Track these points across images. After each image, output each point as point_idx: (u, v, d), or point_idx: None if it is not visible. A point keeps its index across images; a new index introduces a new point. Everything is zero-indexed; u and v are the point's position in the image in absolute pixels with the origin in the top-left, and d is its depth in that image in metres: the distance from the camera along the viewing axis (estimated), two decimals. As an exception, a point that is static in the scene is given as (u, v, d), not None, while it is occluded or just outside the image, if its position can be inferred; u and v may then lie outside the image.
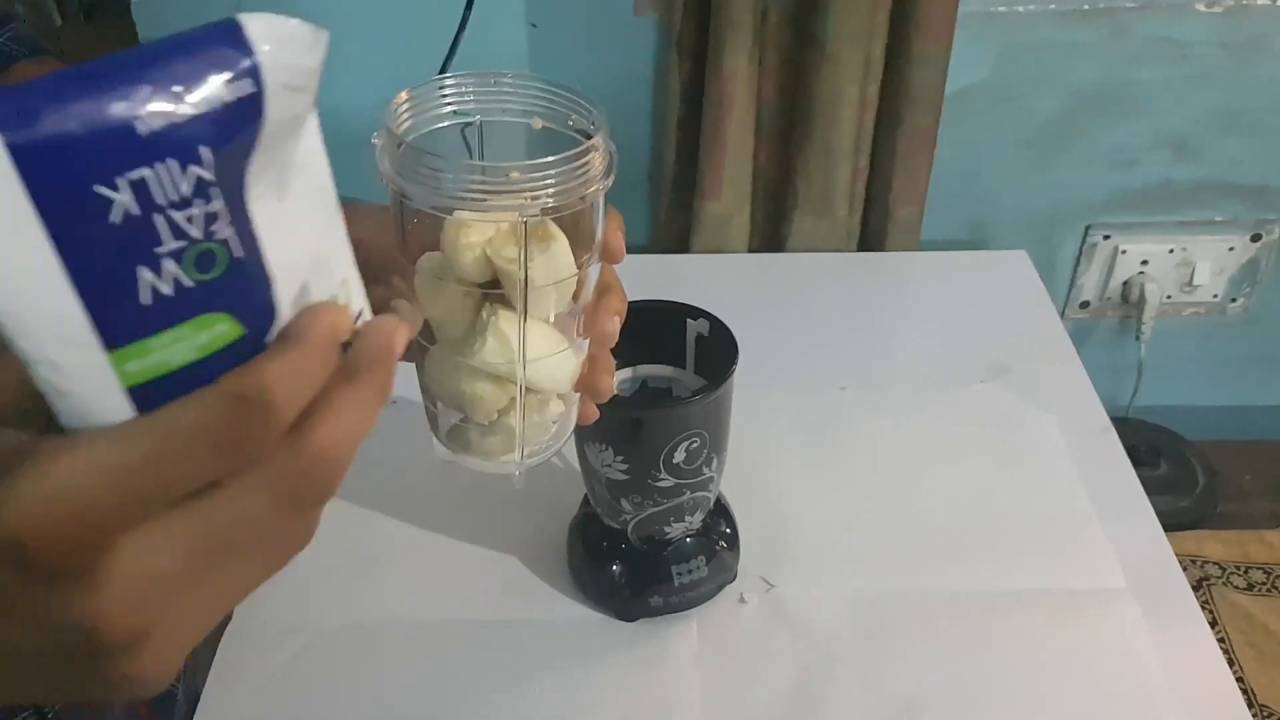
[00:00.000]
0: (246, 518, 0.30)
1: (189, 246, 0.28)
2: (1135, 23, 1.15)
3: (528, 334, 0.48)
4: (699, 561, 0.78)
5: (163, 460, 0.28)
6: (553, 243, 0.46)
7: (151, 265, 0.28)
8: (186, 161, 0.28)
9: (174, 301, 0.29)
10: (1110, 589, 0.80)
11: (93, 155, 0.26)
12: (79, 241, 0.27)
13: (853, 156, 1.14)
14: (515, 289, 0.46)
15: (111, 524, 0.28)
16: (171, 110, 0.27)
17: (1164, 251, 1.30)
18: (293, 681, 0.76)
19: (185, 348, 0.29)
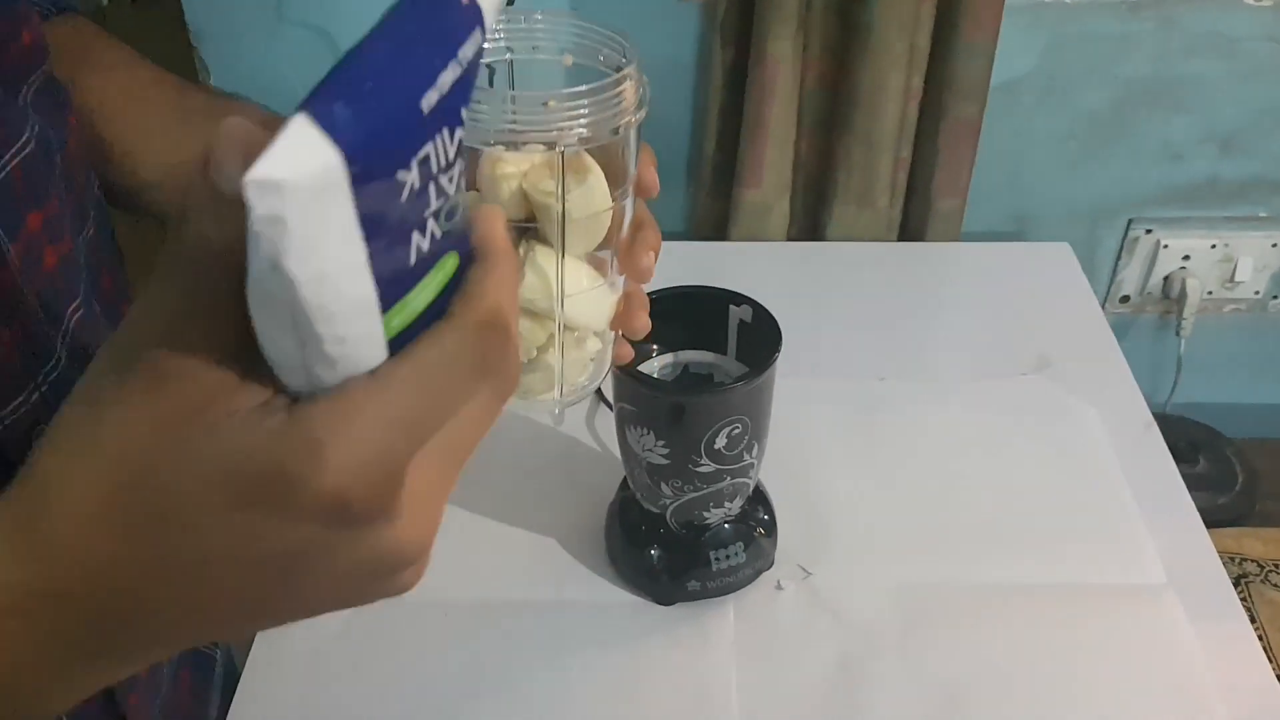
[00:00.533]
0: (485, 421, 0.34)
1: (445, 202, 0.31)
2: (1184, 16, 1.14)
3: (565, 270, 0.47)
4: (737, 547, 0.78)
5: (435, 395, 0.31)
6: (589, 174, 0.46)
7: (421, 228, 0.30)
8: (455, 126, 0.30)
9: (429, 255, 0.31)
10: (1152, 584, 0.80)
11: (398, 149, 0.28)
12: (379, 227, 0.28)
13: (895, 146, 1.13)
14: (552, 223, 0.46)
15: (406, 463, 0.31)
16: (446, 83, 0.29)
17: (1206, 247, 1.29)
18: (332, 660, 0.77)
19: (429, 291, 0.31)
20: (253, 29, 1.15)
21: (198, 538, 0.31)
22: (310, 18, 1.15)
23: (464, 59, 0.30)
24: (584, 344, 0.51)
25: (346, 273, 0.28)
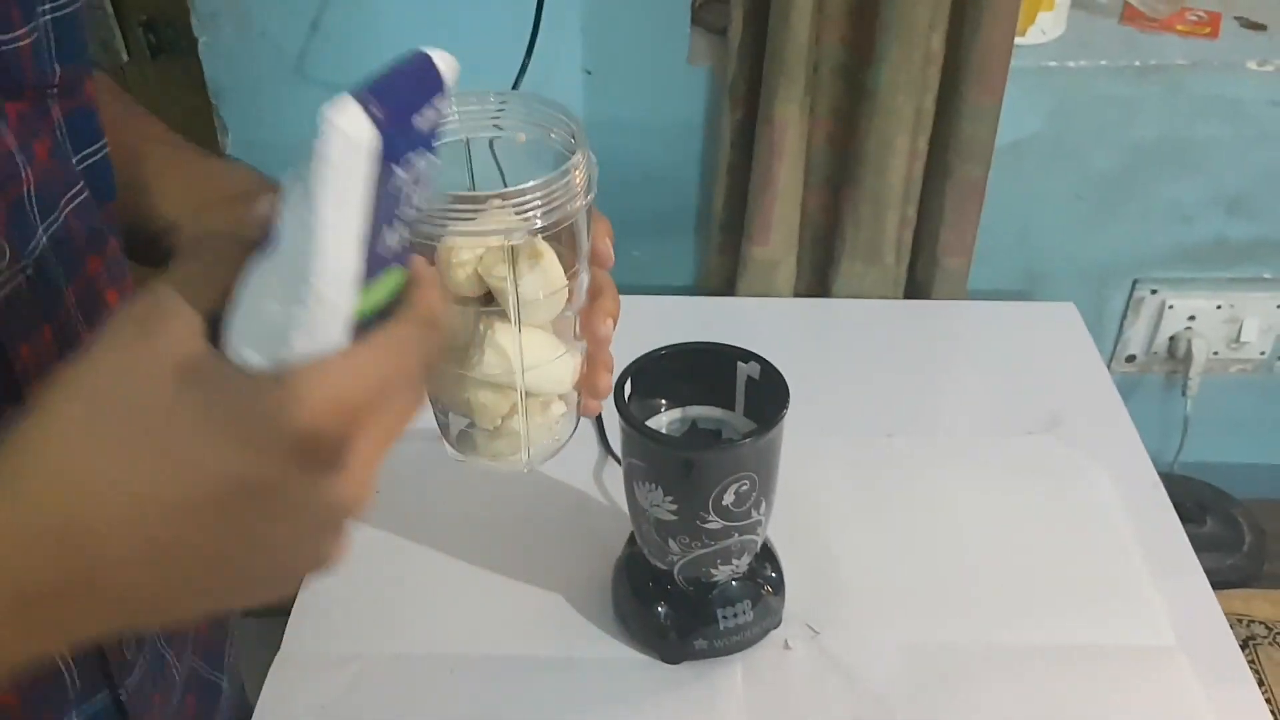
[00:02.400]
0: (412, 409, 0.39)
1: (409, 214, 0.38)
2: (1188, 80, 1.15)
3: (525, 342, 0.50)
4: (745, 605, 0.78)
5: (391, 370, 0.37)
6: (540, 259, 0.48)
7: (391, 225, 0.37)
8: (429, 151, 0.38)
9: (390, 256, 0.38)
10: (1161, 646, 0.80)
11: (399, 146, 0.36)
12: (376, 214, 0.36)
13: (901, 206, 1.15)
14: (509, 304, 0.48)
15: (364, 418, 0.35)
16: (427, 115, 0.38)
17: (1211, 308, 1.30)
18: (339, 712, 0.76)
19: (382, 292, 0.38)
20: (272, 86, 1.17)
21: (172, 467, 0.34)
22: (329, 76, 1.17)
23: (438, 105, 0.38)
24: (549, 408, 0.53)
25: (349, 238, 0.35)
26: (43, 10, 0.47)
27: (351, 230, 0.35)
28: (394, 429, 0.38)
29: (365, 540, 0.89)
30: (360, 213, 0.35)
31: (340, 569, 0.40)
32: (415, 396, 0.39)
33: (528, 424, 0.52)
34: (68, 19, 0.49)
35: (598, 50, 1.16)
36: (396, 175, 0.36)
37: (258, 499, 0.35)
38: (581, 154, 0.48)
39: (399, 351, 0.37)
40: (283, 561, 0.38)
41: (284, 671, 0.79)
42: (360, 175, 0.35)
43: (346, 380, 0.35)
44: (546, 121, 0.50)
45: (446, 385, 0.52)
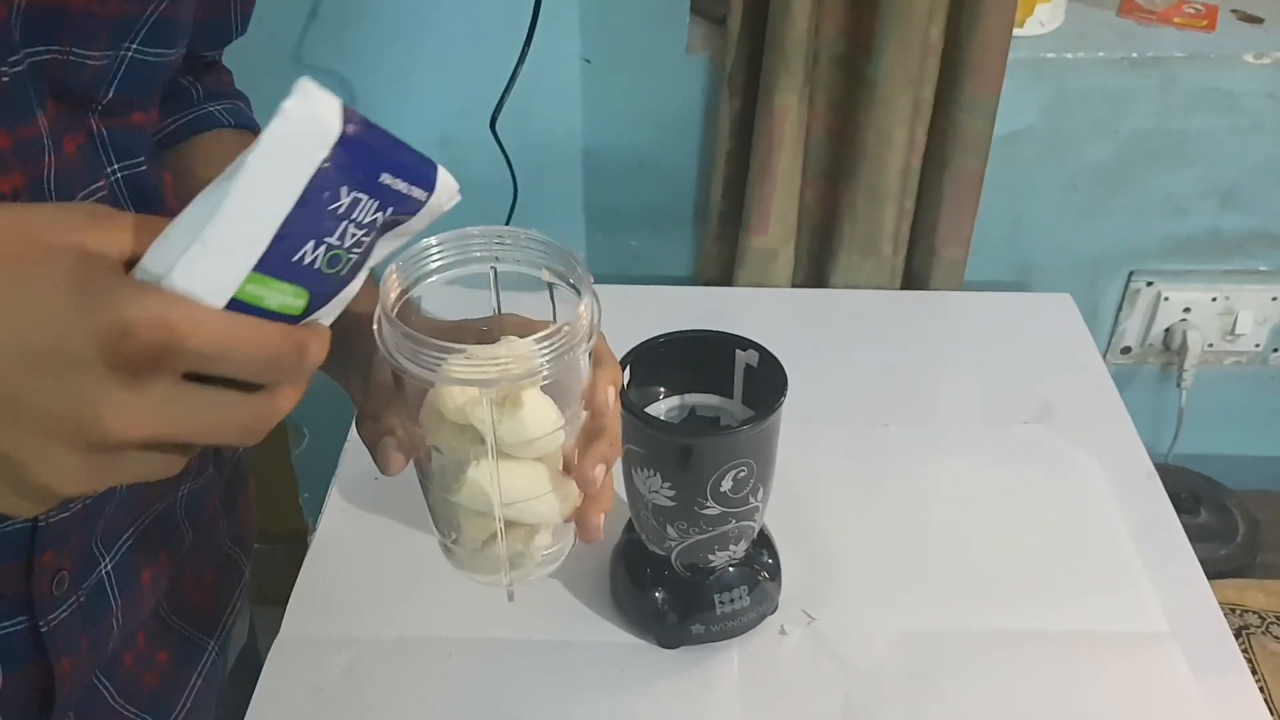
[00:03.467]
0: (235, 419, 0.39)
1: (336, 249, 0.39)
2: (1184, 72, 1.16)
3: (511, 477, 0.50)
4: (741, 591, 0.79)
5: (240, 343, 0.37)
6: (520, 409, 0.48)
7: (318, 244, 0.38)
8: (382, 209, 0.39)
9: (302, 270, 0.38)
10: (1153, 633, 0.80)
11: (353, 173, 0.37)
12: (301, 215, 0.37)
13: (899, 197, 1.15)
14: (488, 444, 0.48)
15: (178, 362, 0.36)
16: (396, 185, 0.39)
17: (1207, 300, 1.30)
18: (338, 695, 0.77)
19: (279, 298, 0.38)
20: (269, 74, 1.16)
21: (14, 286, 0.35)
22: (327, 63, 1.17)
23: (411, 194, 0.40)
24: (533, 538, 0.53)
25: (265, 203, 0.36)
26: (127, 48, 0.50)
27: (270, 195, 0.36)
28: (196, 414, 0.38)
29: (363, 524, 0.90)
30: (286, 187, 0.36)
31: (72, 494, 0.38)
32: (238, 411, 0.39)
33: (507, 551, 0.52)
34: (147, 65, 0.52)
35: (596, 39, 1.16)
36: (339, 199, 0.37)
37: (52, 359, 0.35)
38: (585, 305, 0.48)
39: (250, 337, 0.37)
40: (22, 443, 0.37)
41: (283, 655, 0.79)
42: (303, 154, 0.36)
43: (186, 316, 0.36)
44: (556, 263, 0.51)
45: (435, 501, 0.53)
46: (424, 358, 0.47)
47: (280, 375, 0.39)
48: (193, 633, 0.70)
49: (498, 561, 0.53)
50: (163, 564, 0.67)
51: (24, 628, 0.57)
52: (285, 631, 0.81)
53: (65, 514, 0.56)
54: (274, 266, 0.37)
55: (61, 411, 0.36)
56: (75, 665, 0.60)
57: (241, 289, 0.37)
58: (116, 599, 0.62)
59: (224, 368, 0.38)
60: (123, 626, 0.63)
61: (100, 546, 0.61)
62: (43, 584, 0.56)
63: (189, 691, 0.69)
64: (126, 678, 0.64)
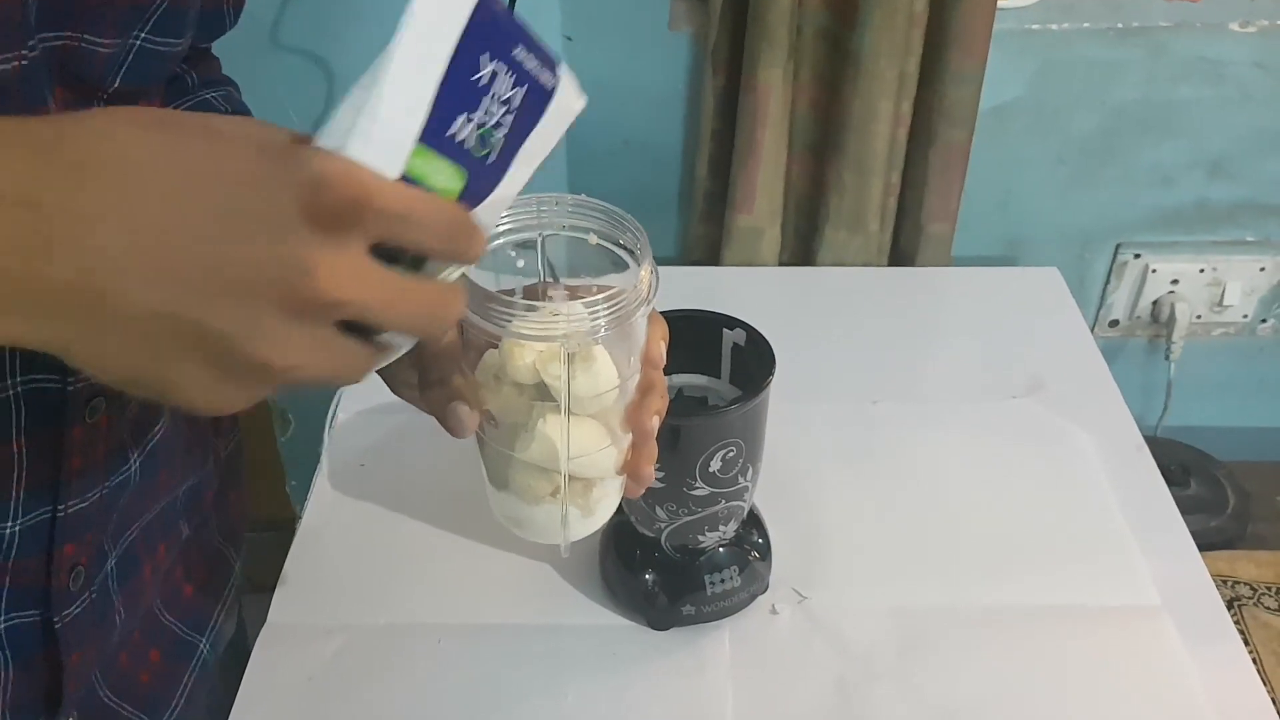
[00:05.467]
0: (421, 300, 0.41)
1: (482, 126, 0.42)
2: (1171, 42, 1.15)
3: (573, 433, 0.52)
4: (732, 571, 0.78)
5: (420, 208, 0.39)
6: (594, 362, 0.51)
7: (467, 118, 0.41)
8: (518, 85, 0.42)
9: (456, 147, 0.41)
10: (1145, 606, 0.80)
11: (493, 42, 0.40)
12: (455, 77, 0.40)
13: (885, 172, 1.14)
14: (561, 399, 0.51)
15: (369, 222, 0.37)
16: (528, 62, 0.42)
17: (1194, 271, 1.30)
18: (327, 685, 0.76)
19: (441, 179, 0.41)
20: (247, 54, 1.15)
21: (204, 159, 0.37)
22: (304, 43, 1.15)
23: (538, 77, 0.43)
24: (590, 491, 0.55)
25: (420, 71, 0.39)
26: (136, 36, 0.50)
27: (424, 62, 0.39)
28: (388, 289, 0.39)
29: (350, 511, 0.89)
30: (436, 52, 0.39)
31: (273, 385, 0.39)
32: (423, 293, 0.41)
33: (568, 506, 0.55)
34: (155, 54, 0.52)
35: (577, 16, 1.15)
36: (480, 70, 0.40)
37: (256, 220, 0.36)
38: (646, 266, 0.51)
39: (423, 208, 0.39)
40: (229, 313, 0.37)
41: (271, 642, 0.79)
42: (448, 18, 0.39)
43: (370, 178, 0.37)
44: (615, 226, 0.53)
45: (497, 462, 0.55)
46: (501, 315, 0.49)
47: (456, 248, 0.41)
48: (185, 630, 0.69)
49: (555, 518, 0.55)
50: (160, 560, 0.66)
51: (35, 621, 0.56)
52: (273, 619, 0.80)
53: (84, 504, 0.56)
54: (434, 138, 0.40)
55: (270, 273, 0.36)
56: (83, 661, 0.59)
57: (410, 163, 0.39)
58: (118, 595, 0.62)
59: (408, 231, 0.39)
60: (124, 623, 0.63)
61: (109, 541, 0.60)
62: (61, 578, 0.56)
63: (182, 689, 0.69)
64: (121, 676, 0.64)
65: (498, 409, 0.53)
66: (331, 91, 1.18)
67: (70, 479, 0.54)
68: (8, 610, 0.55)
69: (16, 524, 0.53)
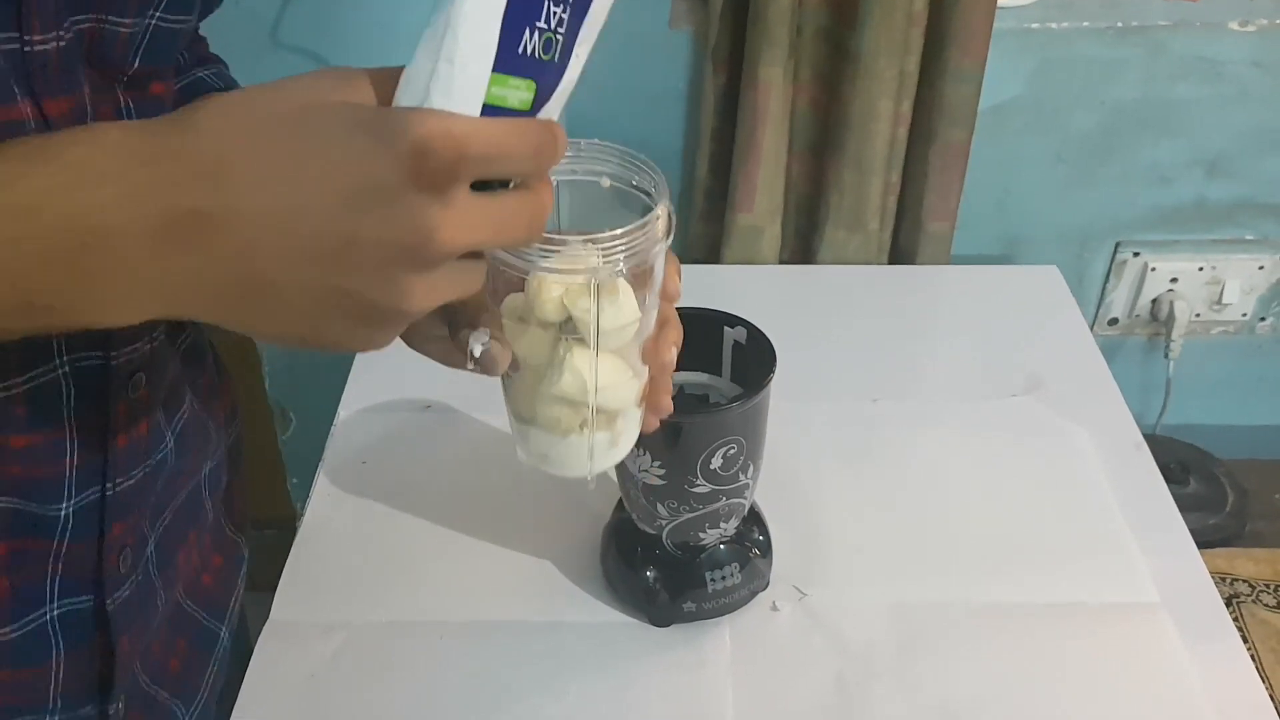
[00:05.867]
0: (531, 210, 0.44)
1: (546, 32, 0.43)
2: (1170, 41, 1.15)
3: (599, 366, 0.55)
4: (733, 568, 0.79)
5: (509, 140, 0.41)
6: (619, 295, 0.53)
7: (531, 31, 0.42)
8: None
9: (526, 61, 0.42)
10: (1144, 603, 0.81)
11: None
12: (513, 4, 0.41)
13: (885, 171, 1.14)
14: (588, 332, 0.53)
15: (471, 165, 0.40)
16: None
17: (1193, 269, 1.30)
18: (329, 681, 0.76)
19: (517, 95, 0.43)
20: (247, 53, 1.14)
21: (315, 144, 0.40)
22: (304, 42, 1.15)
23: None
24: (614, 422, 0.58)
25: (491, 6, 0.40)
26: (151, 15, 0.52)
27: (491, 3, 0.41)
28: (495, 218, 0.42)
29: (351, 508, 0.89)
30: None
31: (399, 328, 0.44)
32: (522, 206, 0.44)
33: (594, 438, 0.58)
34: (169, 32, 0.54)
35: (578, 16, 1.15)
36: None
37: (372, 196, 0.39)
38: (663, 205, 0.53)
39: (518, 135, 0.42)
40: (367, 277, 0.41)
41: (273, 640, 0.79)
42: None
43: (462, 124, 0.40)
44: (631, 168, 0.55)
45: (525, 399, 0.58)
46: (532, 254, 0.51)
47: (545, 163, 0.44)
48: (206, 618, 0.70)
49: (583, 450, 0.58)
50: (191, 546, 0.68)
51: (89, 605, 0.58)
52: (275, 616, 0.81)
53: (130, 482, 0.57)
54: (506, 63, 0.42)
55: (396, 240, 0.40)
56: (131, 645, 0.61)
57: (489, 93, 0.42)
58: (158, 578, 0.63)
59: (503, 166, 0.42)
60: (164, 607, 0.64)
61: (148, 525, 0.62)
62: (111, 559, 0.57)
63: (209, 675, 0.70)
64: (154, 664, 0.65)
65: (524, 348, 0.56)
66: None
67: (117, 457, 0.56)
68: (61, 596, 0.56)
69: (70, 505, 0.55)
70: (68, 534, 0.55)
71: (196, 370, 0.66)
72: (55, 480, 0.54)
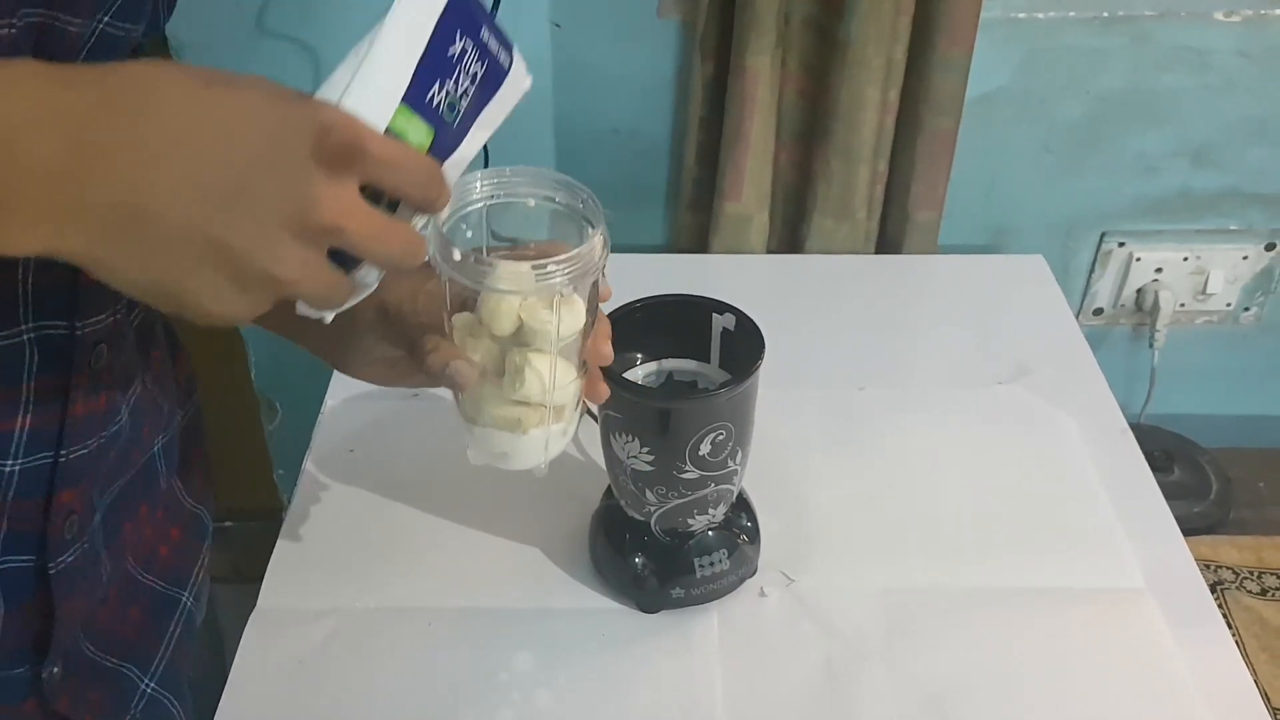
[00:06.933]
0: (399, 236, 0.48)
1: (452, 95, 0.49)
2: (1156, 30, 1.16)
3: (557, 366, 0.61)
4: (721, 554, 0.79)
5: (404, 158, 0.47)
6: (574, 306, 0.59)
7: (441, 86, 0.48)
8: (483, 60, 0.50)
9: (431, 110, 0.48)
10: (1129, 588, 0.81)
11: (465, 22, 0.48)
12: (434, 50, 0.47)
13: (872, 159, 1.14)
14: (547, 340, 0.59)
15: (363, 164, 0.45)
16: (490, 43, 0.50)
17: (1178, 259, 1.31)
18: (317, 668, 0.76)
19: (416, 135, 0.48)
20: (233, 40, 1.15)
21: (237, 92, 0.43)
22: (290, 29, 1.15)
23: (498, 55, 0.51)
24: (562, 414, 0.63)
25: (406, 41, 0.47)
26: (100, 19, 0.54)
27: (412, 32, 0.47)
28: (375, 224, 0.46)
29: (342, 495, 0.89)
30: (423, 25, 0.47)
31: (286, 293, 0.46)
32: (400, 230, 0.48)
33: (550, 430, 0.63)
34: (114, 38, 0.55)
35: (566, 3, 1.15)
36: (454, 43, 0.48)
37: (272, 156, 0.43)
38: (601, 227, 0.59)
39: (403, 156, 0.47)
40: (248, 231, 0.43)
41: (261, 626, 0.79)
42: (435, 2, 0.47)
43: (365, 128, 0.45)
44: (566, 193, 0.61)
45: (484, 404, 0.62)
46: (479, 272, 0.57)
47: (431, 196, 0.49)
48: (166, 586, 0.71)
49: (538, 442, 0.63)
50: (142, 520, 0.68)
51: (31, 565, 0.58)
52: (263, 603, 0.80)
53: (84, 451, 0.58)
54: (414, 101, 0.47)
55: (285, 197, 0.43)
56: (72, 611, 0.61)
57: (393, 119, 0.47)
58: (104, 549, 0.63)
59: (392, 177, 0.46)
60: (108, 577, 0.65)
61: (98, 494, 0.62)
62: (57, 524, 0.58)
63: (168, 639, 0.70)
64: (102, 632, 0.65)
65: (479, 359, 0.61)
66: (317, 78, 1.17)
67: (75, 426, 0.57)
68: (3, 553, 0.57)
69: (17, 463, 0.55)
70: (12, 490, 0.55)
71: (148, 344, 0.66)
72: (4, 434, 0.54)
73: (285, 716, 0.74)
